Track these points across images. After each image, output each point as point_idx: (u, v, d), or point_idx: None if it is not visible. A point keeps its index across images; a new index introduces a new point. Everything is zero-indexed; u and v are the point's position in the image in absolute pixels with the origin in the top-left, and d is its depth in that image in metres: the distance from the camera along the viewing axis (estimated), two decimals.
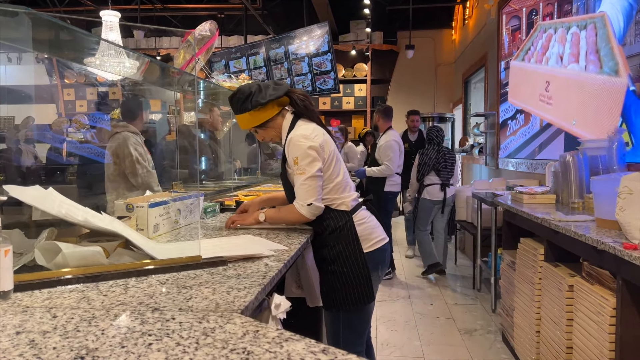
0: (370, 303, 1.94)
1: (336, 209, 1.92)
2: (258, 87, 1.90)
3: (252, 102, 1.88)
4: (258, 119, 1.93)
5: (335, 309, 1.93)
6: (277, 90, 1.90)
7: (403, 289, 4.72)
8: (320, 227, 1.93)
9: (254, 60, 6.46)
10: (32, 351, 0.81)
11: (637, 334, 1.77)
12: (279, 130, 1.98)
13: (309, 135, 1.85)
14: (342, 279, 1.89)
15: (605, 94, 3.06)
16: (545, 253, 2.58)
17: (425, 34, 9.21)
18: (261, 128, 1.97)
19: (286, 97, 1.95)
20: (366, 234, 1.94)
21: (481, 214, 4.34)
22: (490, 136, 6.12)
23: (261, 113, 1.91)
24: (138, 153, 3.07)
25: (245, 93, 1.89)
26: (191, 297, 1.12)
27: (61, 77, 8.44)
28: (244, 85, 1.98)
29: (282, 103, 1.96)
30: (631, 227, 1.78)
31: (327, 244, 1.91)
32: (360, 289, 1.89)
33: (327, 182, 1.91)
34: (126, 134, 3.10)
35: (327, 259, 1.92)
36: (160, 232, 1.91)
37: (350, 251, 1.89)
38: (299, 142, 1.84)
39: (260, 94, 1.88)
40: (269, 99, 1.88)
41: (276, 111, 1.94)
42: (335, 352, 0.79)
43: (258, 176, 5.06)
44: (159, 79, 3.14)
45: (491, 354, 3.24)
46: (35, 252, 1.30)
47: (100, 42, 2.54)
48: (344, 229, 1.90)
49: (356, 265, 1.88)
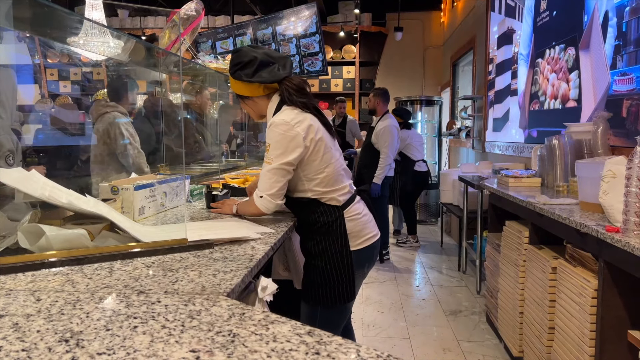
0: (349, 302, 1.87)
1: (326, 203, 1.81)
2: (253, 60, 1.79)
3: (236, 74, 1.82)
4: (239, 90, 1.87)
5: (314, 302, 1.85)
6: (271, 75, 1.80)
7: (389, 271, 4.76)
8: (308, 220, 1.85)
9: (240, 41, 6.37)
10: (15, 334, 0.81)
11: (618, 315, 1.81)
12: (258, 111, 1.91)
13: (290, 122, 1.73)
14: (324, 275, 1.81)
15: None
16: (530, 236, 2.61)
17: (414, 15, 9.15)
18: (242, 100, 1.92)
19: (277, 84, 1.83)
20: (357, 231, 1.85)
21: (467, 197, 4.38)
22: (477, 119, 6.15)
23: (244, 86, 1.84)
24: (129, 133, 3.03)
25: (240, 58, 1.81)
26: (177, 280, 1.12)
27: (44, 56, 8.27)
28: (249, 48, 1.85)
29: (273, 87, 1.85)
30: (614, 210, 1.80)
31: (314, 237, 1.83)
32: (341, 288, 1.81)
33: (315, 173, 1.79)
34: (116, 114, 3.06)
35: (312, 252, 1.83)
36: (146, 215, 1.90)
37: (337, 249, 1.80)
38: (276, 128, 1.73)
39: (249, 69, 1.79)
40: (254, 79, 1.79)
41: (261, 93, 1.85)
42: (320, 334, 0.79)
43: (245, 159, 5.04)
44: (144, 59, 3.09)
45: (475, 334, 3.29)
46: (19, 234, 1.29)
47: (84, 21, 2.48)
48: (333, 225, 1.80)
49: (340, 264, 1.80)
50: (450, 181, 5.36)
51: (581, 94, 3.26)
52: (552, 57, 3.80)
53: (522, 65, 4.52)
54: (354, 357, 0.72)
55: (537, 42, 4.17)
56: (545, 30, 3.96)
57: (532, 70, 4.25)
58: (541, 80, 4.02)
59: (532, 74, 4.25)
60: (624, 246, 1.57)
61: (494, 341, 3.17)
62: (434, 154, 7.84)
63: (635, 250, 1.50)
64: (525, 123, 4.44)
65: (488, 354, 3.00)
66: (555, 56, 3.75)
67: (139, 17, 9.51)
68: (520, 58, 4.57)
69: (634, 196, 1.60)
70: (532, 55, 4.24)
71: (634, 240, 1.56)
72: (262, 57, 1.80)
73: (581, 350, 1.95)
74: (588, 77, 3.18)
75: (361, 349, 0.73)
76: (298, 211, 1.89)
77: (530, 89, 4.29)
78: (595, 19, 3.07)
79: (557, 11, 3.73)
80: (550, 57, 3.84)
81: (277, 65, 1.82)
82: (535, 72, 4.18)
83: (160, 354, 0.73)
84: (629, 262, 1.60)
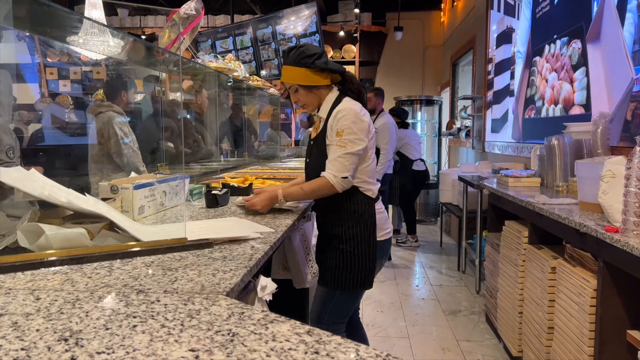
0: (367, 289, 1.99)
1: (364, 192, 1.95)
2: (323, 53, 1.93)
3: (316, 62, 1.90)
4: (309, 80, 1.94)
5: (334, 286, 1.94)
6: (336, 67, 1.95)
7: (389, 271, 4.76)
8: (346, 206, 1.94)
9: (240, 41, 6.37)
10: (14, 333, 0.81)
11: (617, 315, 1.81)
12: (319, 100, 1.99)
13: (360, 113, 1.88)
14: (352, 260, 1.92)
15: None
16: (529, 236, 2.61)
17: (414, 15, 9.15)
18: (305, 89, 1.97)
19: (340, 76, 1.98)
20: (380, 224, 1.98)
21: (467, 197, 4.38)
22: (477, 119, 6.14)
23: (315, 76, 1.93)
24: (123, 133, 3.03)
25: (312, 50, 1.92)
26: (176, 279, 1.12)
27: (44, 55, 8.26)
28: (310, 44, 2.03)
29: (335, 79, 1.99)
30: (613, 210, 1.80)
31: (345, 223, 1.93)
32: (363, 274, 1.93)
33: (364, 163, 1.93)
34: (111, 113, 3.06)
35: (342, 237, 1.93)
36: (145, 214, 1.90)
37: (367, 236, 1.93)
38: (349, 115, 1.85)
39: (325, 59, 1.92)
40: (330, 67, 1.92)
41: (327, 82, 1.96)
42: (320, 334, 0.79)
43: (245, 158, 5.04)
44: (144, 59, 3.09)
45: (475, 334, 3.30)
46: (18, 233, 1.29)
47: (84, 20, 2.48)
48: (366, 213, 1.93)
49: (368, 251, 1.92)
50: (450, 181, 5.36)
51: (590, 96, 2.88)
52: (552, 54, 3.45)
53: (519, 64, 4.32)
54: (353, 356, 0.72)
55: (534, 37, 3.76)
56: (545, 22, 3.54)
57: (527, 71, 3.94)
58: (539, 82, 3.68)
59: (527, 75, 3.94)
60: (623, 246, 1.57)
61: (493, 341, 3.18)
62: (433, 154, 7.84)
63: (635, 250, 1.50)
64: (518, 134, 4.15)
65: (487, 354, 3.00)
66: (556, 52, 3.36)
67: (138, 17, 9.50)
68: (517, 57, 4.43)
69: (634, 196, 1.60)
70: (529, 53, 3.89)
71: (633, 240, 1.56)
72: (324, 51, 1.97)
73: (580, 350, 1.95)
74: (599, 75, 2.79)
75: (360, 349, 0.73)
76: (338, 197, 1.95)
77: (525, 92, 3.99)
78: (608, 1, 2.69)
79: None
80: (550, 54, 3.48)
81: (332, 61, 1.98)
82: (531, 72, 3.84)
83: (160, 353, 0.73)
84: (628, 262, 1.60)
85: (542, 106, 3.58)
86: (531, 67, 3.94)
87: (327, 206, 1.98)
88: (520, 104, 4.16)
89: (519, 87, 4.27)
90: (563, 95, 3.28)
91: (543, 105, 3.59)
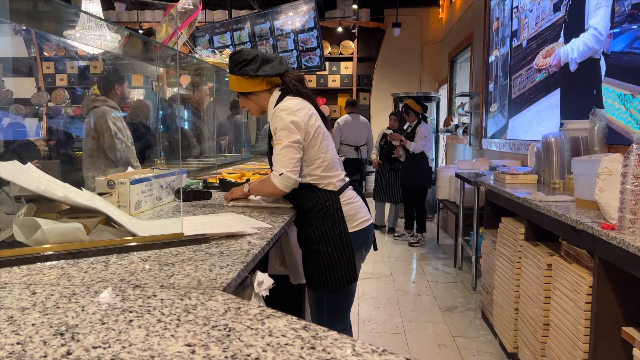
0: (353, 283, 1.96)
1: (324, 189, 1.92)
2: (255, 57, 1.90)
3: (242, 70, 1.89)
4: (242, 87, 1.95)
5: (319, 288, 1.94)
6: (274, 69, 1.91)
7: (385, 267, 4.77)
8: (306, 206, 1.93)
9: (238, 36, 6.35)
10: (10, 327, 0.80)
11: (612, 311, 1.82)
12: (260, 105, 2.00)
13: (292, 108, 1.86)
14: (327, 259, 1.90)
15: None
16: (526, 232, 2.62)
17: (412, 11, 9.13)
18: (242, 96, 2.00)
19: (279, 78, 1.95)
20: (352, 214, 1.95)
21: (464, 194, 4.38)
22: (474, 116, 6.15)
23: (248, 83, 1.92)
24: (117, 128, 3.01)
25: (242, 57, 1.90)
26: (173, 274, 1.11)
27: (40, 49, 8.22)
28: (249, 49, 2.02)
29: (273, 82, 1.95)
30: (609, 208, 1.81)
31: (313, 223, 1.92)
32: (344, 270, 1.90)
33: (314, 159, 1.90)
34: (105, 108, 3.04)
35: (312, 238, 1.92)
36: (142, 209, 1.90)
37: (336, 231, 1.90)
38: (281, 113, 1.85)
39: (253, 65, 1.89)
40: (259, 74, 1.89)
41: (264, 87, 1.94)
42: (316, 329, 0.79)
43: (242, 154, 5.03)
44: (141, 53, 3.08)
45: (470, 330, 3.31)
46: (14, 228, 1.28)
47: (81, 14, 2.47)
48: (331, 209, 1.91)
49: (341, 246, 1.90)
50: (447, 177, 5.36)
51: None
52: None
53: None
54: (350, 351, 0.72)
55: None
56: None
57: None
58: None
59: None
60: (619, 243, 1.57)
61: (489, 337, 3.19)
62: (431, 151, 7.84)
63: (630, 247, 1.51)
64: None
65: (483, 350, 3.01)
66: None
67: (136, 11, 9.46)
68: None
69: (630, 193, 1.60)
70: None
71: (629, 237, 1.56)
72: (262, 55, 1.93)
73: (575, 347, 1.96)
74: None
75: (356, 344, 0.74)
76: (296, 197, 1.95)
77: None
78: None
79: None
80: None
81: (275, 62, 1.94)
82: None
83: (156, 347, 0.73)
84: (623, 259, 1.60)
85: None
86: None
87: (294, 208, 1.99)
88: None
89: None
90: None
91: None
